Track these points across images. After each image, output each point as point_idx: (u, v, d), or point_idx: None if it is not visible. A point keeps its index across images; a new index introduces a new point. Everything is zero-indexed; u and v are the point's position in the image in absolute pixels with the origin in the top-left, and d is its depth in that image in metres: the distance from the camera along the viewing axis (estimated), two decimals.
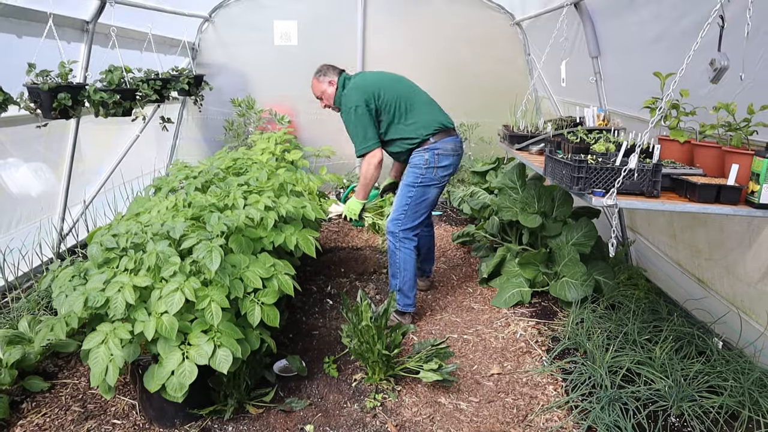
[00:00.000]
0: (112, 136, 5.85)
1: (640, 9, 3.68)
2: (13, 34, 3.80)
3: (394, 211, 3.96)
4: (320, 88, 4.06)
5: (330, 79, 4.03)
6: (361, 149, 3.86)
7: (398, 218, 3.93)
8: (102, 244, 2.85)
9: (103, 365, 2.49)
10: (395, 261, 3.97)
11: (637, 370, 3.17)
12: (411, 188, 3.89)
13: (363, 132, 3.83)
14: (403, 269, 3.96)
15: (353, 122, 3.83)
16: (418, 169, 3.88)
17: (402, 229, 3.93)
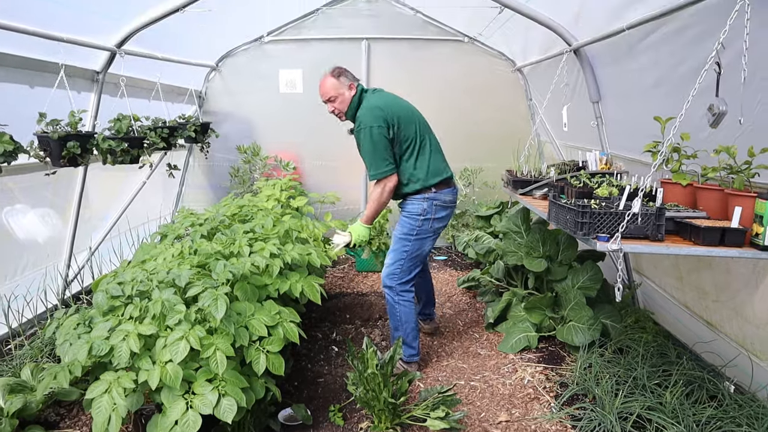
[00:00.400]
0: (119, 182, 5.92)
1: (638, 56, 3.75)
2: (26, 84, 3.89)
3: (390, 264, 3.86)
4: (337, 89, 3.74)
5: (351, 82, 3.76)
6: (378, 173, 3.68)
7: (394, 273, 3.84)
8: (107, 292, 2.85)
9: (106, 415, 2.46)
10: (395, 314, 3.88)
11: (647, 416, 3.11)
12: (406, 242, 3.80)
13: (381, 154, 3.63)
14: (405, 321, 3.88)
15: (371, 142, 3.61)
16: (413, 220, 3.78)
17: (399, 283, 3.84)
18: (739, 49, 2.45)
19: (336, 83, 3.72)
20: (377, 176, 3.69)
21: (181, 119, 5.99)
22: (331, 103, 3.78)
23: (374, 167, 3.67)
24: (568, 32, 4.54)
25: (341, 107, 3.77)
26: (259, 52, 6.93)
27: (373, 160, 3.66)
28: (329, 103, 3.79)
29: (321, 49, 6.90)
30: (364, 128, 3.61)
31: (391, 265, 3.85)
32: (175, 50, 5.59)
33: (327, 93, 3.76)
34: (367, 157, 3.68)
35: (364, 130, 3.61)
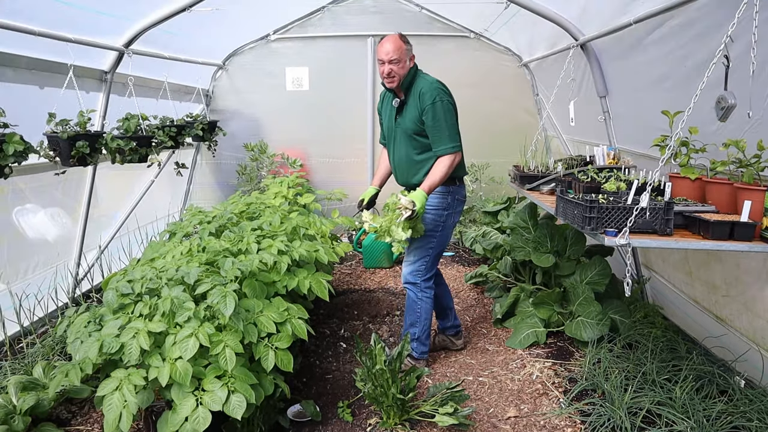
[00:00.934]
0: (128, 181, 5.95)
1: (646, 50, 3.73)
2: (35, 85, 3.93)
3: (414, 262, 3.82)
4: (401, 53, 3.54)
5: (412, 54, 3.64)
6: (449, 147, 3.56)
7: (419, 270, 3.82)
8: (117, 290, 2.87)
9: (117, 412, 2.48)
10: (416, 310, 3.87)
11: (657, 411, 3.11)
12: (432, 238, 3.76)
13: (455, 128, 3.60)
14: (424, 318, 3.87)
15: (445, 115, 3.54)
16: (438, 216, 3.73)
17: (423, 279, 3.83)
18: (748, 41, 2.43)
19: (404, 48, 3.56)
20: (448, 150, 3.56)
21: (189, 118, 6.01)
22: (392, 65, 3.54)
23: (447, 140, 3.56)
24: (574, 27, 4.52)
25: (401, 73, 3.57)
26: (266, 50, 6.95)
27: (444, 132, 3.55)
28: (390, 64, 3.53)
29: (327, 46, 6.92)
30: (441, 101, 3.52)
31: (415, 263, 3.82)
32: (183, 49, 5.61)
33: (393, 53, 3.52)
34: (440, 129, 3.55)
35: (441, 102, 3.52)
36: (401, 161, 3.80)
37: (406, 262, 3.91)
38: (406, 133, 3.70)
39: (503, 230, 5.97)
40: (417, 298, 3.86)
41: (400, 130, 3.74)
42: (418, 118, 3.60)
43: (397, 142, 3.79)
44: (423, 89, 3.56)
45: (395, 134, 3.80)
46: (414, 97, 3.61)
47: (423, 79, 3.64)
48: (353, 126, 7.14)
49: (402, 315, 4.97)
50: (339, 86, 7.01)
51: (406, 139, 3.72)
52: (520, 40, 6.44)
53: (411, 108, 3.63)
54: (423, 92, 3.55)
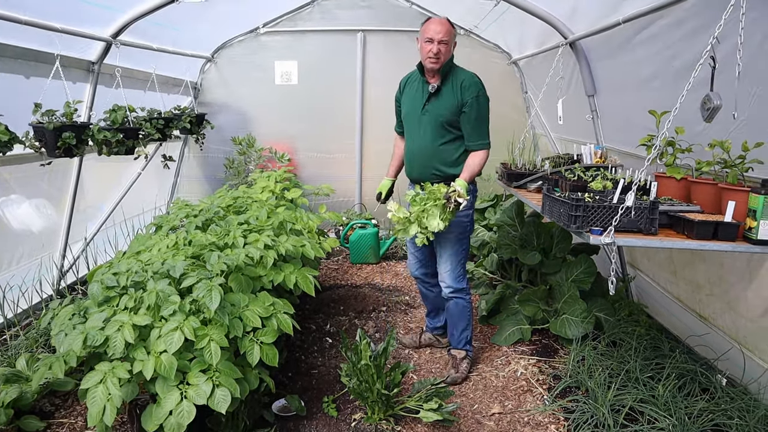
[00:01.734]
0: (114, 173, 5.91)
1: (634, 49, 3.75)
2: (21, 75, 3.88)
3: (452, 269, 3.73)
4: (450, 37, 3.50)
5: (456, 40, 3.61)
6: (486, 143, 3.58)
7: (460, 273, 3.77)
8: (102, 283, 2.85)
9: (101, 405, 2.47)
10: (467, 315, 3.84)
11: (640, 409, 3.14)
12: (464, 240, 3.74)
13: (488, 125, 3.61)
14: (471, 319, 3.90)
15: (486, 112, 3.58)
16: (465, 216, 3.66)
17: (466, 281, 3.82)
18: (734, 43, 2.45)
19: (453, 32, 3.53)
20: (485, 146, 3.58)
21: (177, 110, 5.97)
22: (441, 45, 3.45)
23: (485, 136, 3.59)
24: (564, 25, 4.54)
25: (447, 55, 3.51)
26: (255, 43, 6.92)
27: (481, 128, 3.57)
28: (440, 44, 3.45)
29: (317, 40, 6.90)
30: (484, 96, 3.56)
31: (454, 269, 3.74)
32: (171, 41, 5.57)
33: (444, 34, 3.46)
34: (478, 125, 3.55)
35: (483, 97, 3.55)
36: (423, 149, 3.67)
37: (442, 271, 3.79)
38: (436, 121, 3.58)
39: (490, 227, 5.99)
40: (466, 302, 3.82)
41: (428, 117, 3.61)
42: (455, 108, 3.53)
43: (422, 129, 3.65)
44: (465, 81, 3.52)
45: (420, 121, 3.66)
46: (453, 86, 3.54)
47: (463, 70, 3.61)
48: (342, 121, 7.12)
49: (388, 311, 4.99)
50: (328, 81, 6.99)
51: (434, 127, 3.60)
52: (509, 38, 6.45)
53: (448, 96, 3.55)
54: (466, 84, 3.51)
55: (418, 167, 3.74)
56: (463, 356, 3.88)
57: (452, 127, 3.57)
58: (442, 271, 3.78)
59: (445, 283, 3.78)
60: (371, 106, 7.07)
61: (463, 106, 3.51)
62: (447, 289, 3.78)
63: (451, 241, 3.68)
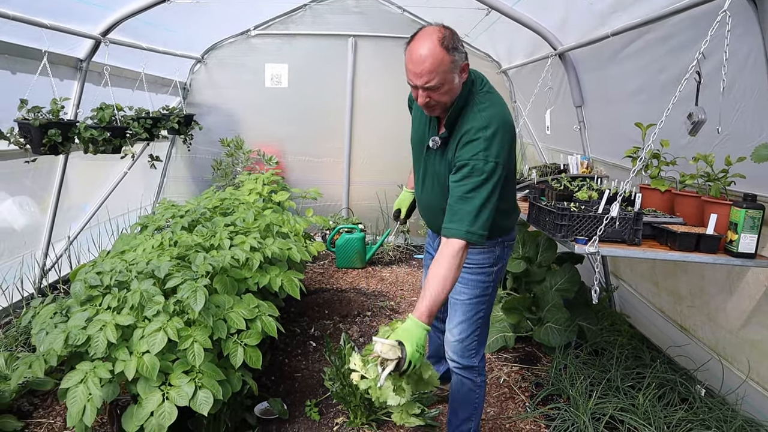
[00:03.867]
0: (100, 172, 5.86)
1: (622, 62, 3.80)
2: (7, 70, 3.84)
3: (463, 339, 2.75)
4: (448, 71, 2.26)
5: (464, 62, 2.31)
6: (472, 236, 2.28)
7: (471, 348, 2.77)
8: (85, 281, 2.83)
9: (80, 405, 2.44)
10: (473, 401, 2.85)
11: (620, 417, 3.16)
12: (481, 305, 2.72)
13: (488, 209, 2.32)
14: (481, 409, 2.91)
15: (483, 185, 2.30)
16: (486, 275, 2.70)
17: (480, 357, 2.82)
18: (720, 59, 2.49)
19: (447, 61, 2.23)
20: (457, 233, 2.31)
21: (165, 110, 5.94)
22: (430, 93, 2.30)
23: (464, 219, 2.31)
24: (553, 36, 4.58)
25: (444, 100, 2.34)
26: (245, 45, 6.91)
27: (466, 208, 2.32)
28: (428, 91, 2.30)
29: (307, 44, 6.90)
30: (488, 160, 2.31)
31: (465, 340, 2.75)
32: (161, 41, 5.55)
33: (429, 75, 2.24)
34: (461, 199, 2.34)
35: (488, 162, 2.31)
36: (430, 206, 2.75)
37: (448, 339, 2.83)
38: (439, 180, 2.60)
39: None
40: (475, 385, 2.83)
41: (432, 170, 2.63)
42: (450, 164, 2.46)
43: (426, 181, 2.70)
44: (470, 132, 2.35)
45: (425, 167, 2.68)
46: (456, 136, 2.43)
47: (479, 111, 2.38)
48: (331, 125, 7.13)
49: (373, 316, 4.99)
50: (318, 85, 6.99)
51: (440, 186, 2.60)
52: (499, 47, 6.50)
53: (449, 151, 2.47)
54: (467, 138, 2.36)
55: (427, 217, 2.89)
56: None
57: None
58: (449, 338, 2.81)
59: (449, 354, 2.83)
60: (361, 111, 7.08)
61: (455, 159, 2.41)
62: (451, 361, 2.83)
63: (462, 305, 2.73)
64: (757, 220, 2.53)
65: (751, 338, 3.06)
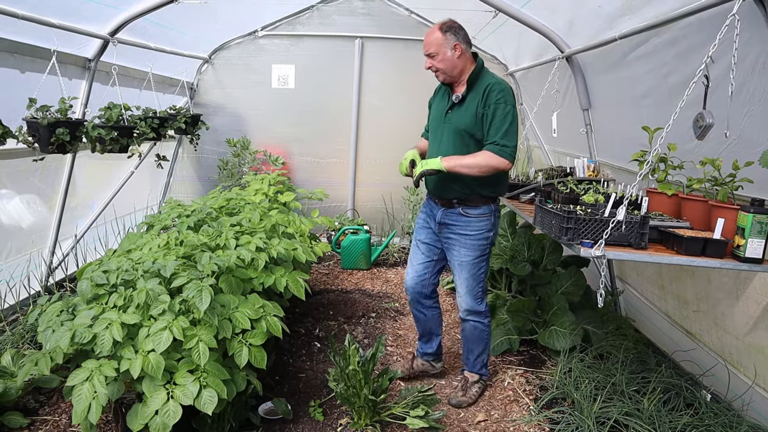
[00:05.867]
0: (107, 171, 5.89)
1: (629, 65, 3.79)
2: (16, 69, 3.87)
3: (469, 292, 3.48)
4: (438, 46, 3.23)
5: (456, 42, 3.23)
6: (504, 150, 3.14)
7: (478, 296, 3.52)
8: (92, 280, 2.84)
9: (86, 403, 2.46)
10: (484, 339, 3.65)
11: (625, 422, 3.15)
12: (481, 263, 3.45)
13: (516, 137, 3.20)
14: (489, 343, 3.73)
15: (512, 118, 3.17)
16: (483, 240, 3.40)
17: (485, 304, 3.59)
18: (728, 63, 2.48)
19: (441, 38, 3.22)
20: (497, 148, 3.14)
21: (172, 110, 5.97)
22: (431, 60, 3.29)
23: (502, 137, 3.14)
24: (561, 39, 4.58)
25: (441, 66, 3.27)
26: (253, 46, 6.93)
27: (500, 130, 3.14)
28: (430, 58, 3.29)
29: (314, 45, 6.92)
30: (508, 102, 3.18)
31: (471, 291, 3.48)
32: (169, 41, 5.57)
33: (428, 46, 3.27)
34: (494, 125, 3.17)
35: (508, 104, 3.17)
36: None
37: (459, 293, 3.55)
38: (456, 131, 3.30)
39: None
40: (484, 326, 3.60)
41: (449, 126, 3.35)
42: (477, 116, 3.23)
43: (444, 139, 3.37)
44: (492, 85, 3.21)
45: (442, 130, 3.39)
46: (478, 92, 3.25)
47: (492, 76, 3.31)
48: (337, 126, 7.14)
49: (378, 317, 4.99)
50: (325, 86, 7.01)
51: (453, 138, 3.32)
52: (506, 50, 6.49)
53: (471, 103, 3.26)
54: (491, 89, 3.20)
55: (434, 180, 3.45)
56: (476, 380, 3.71)
57: (473, 138, 3.27)
58: (461, 292, 3.53)
59: (462, 306, 3.55)
60: (367, 112, 7.09)
61: (485, 109, 3.20)
62: (464, 311, 3.56)
63: (468, 265, 3.44)
64: (765, 225, 2.52)
65: (758, 344, 3.04)
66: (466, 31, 3.29)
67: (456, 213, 3.40)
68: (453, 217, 3.42)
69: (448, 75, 3.30)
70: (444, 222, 3.47)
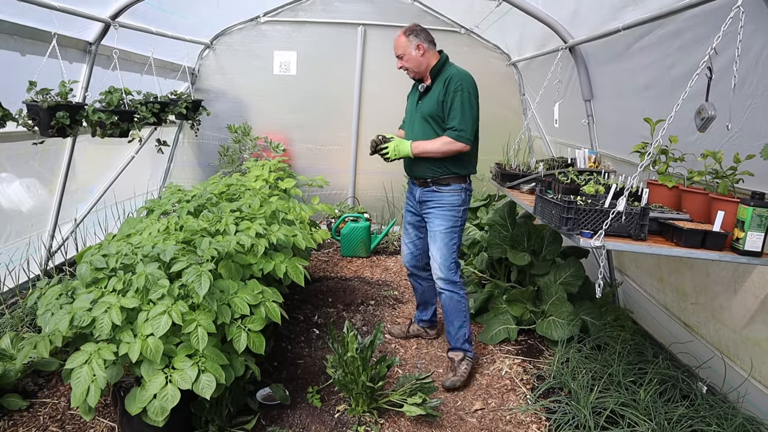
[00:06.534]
0: (107, 156, 5.88)
1: (633, 56, 3.77)
2: (17, 52, 3.85)
3: (444, 261, 3.75)
4: (403, 48, 3.69)
5: (419, 42, 3.67)
6: (461, 135, 3.55)
7: (451, 267, 3.76)
8: (91, 264, 2.84)
9: (84, 386, 2.47)
10: (462, 310, 3.81)
11: (621, 412, 3.16)
12: (453, 234, 3.75)
13: (471, 120, 3.58)
14: (468, 316, 3.87)
15: (468, 105, 3.56)
16: (455, 212, 3.75)
17: (459, 276, 3.82)
18: (731, 55, 2.47)
19: (405, 42, 3.68)
20: (460, 137, 3.55)
21: (173, 95, 5.95)
22: (399, 61, 3.75)
23: (460, 124, 3.55)
24: (564, 29, 4.55)
25: (409, 65, 3.71)
26: (255, 32, 6.90)
27: (464, 120, 3.55)
28: (398, 60, 3.75)
29: (316, 32, 6.89)
30: (467, 90, 3.56)
31: (445, 261, 3.75)
32: (170, 25, 5.54)
33: (396, 49, 3.74)
34: (460, 115, 3.55)
35: (467, 92, 3.56)
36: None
37: (434, 264, 3.82)
38: (423, 117, 3.71)
39: (481, 227, 6.00)
40: (460, 297, 3.79)
41: (419, 114, 3.75)
42: (438, 102, 3.62)
43: (415, 125, 3.79)
44: (452, 76, 3.59)
45: (414, 118, 3.82)
46: (440, 82, 3.64)
47: (453, 68, 3.69)
48: (338, 114, 7.12)
49: (376, 305, 5.00)
50: (326, 73, 6.99)
51: (422, 123, 3.72)
52: (509, 40, 6.46)
53: (435, 92, 3.66)
54: (451, 79, 3.59)
55: (409, 162, 3.85)
56: (461, 357, 3.83)
57: (437, 123, 3.67)
58: (434, 264, 3.81)
59: (437, 275, 3.80)
60: (368, 100, 7.07)
61: (445, 95, 3.59)
62: (439, 281, 3.80)
63: (441, 234, 3.75)
64: (765, 219, 2.52)
65: (755, 337, 3.05)
66: (428, 32, 3.74)
67: (431, 191, 3.79)
68: (429, 194, 3.81)
69: (416, 72, 3.74)
70: (422, 200, 3.86)
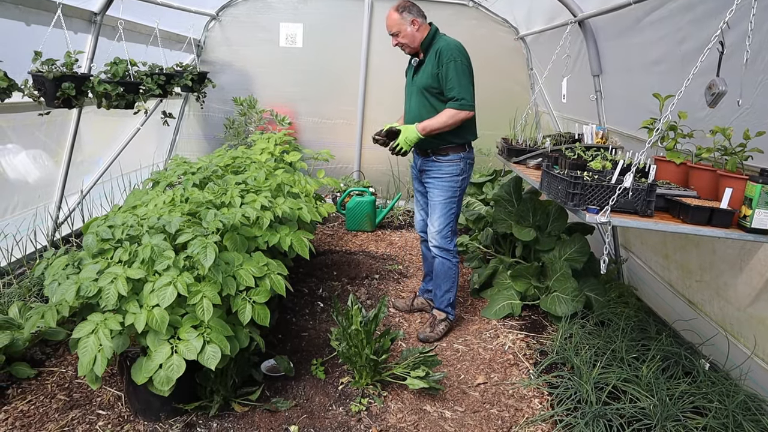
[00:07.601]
0: (113, 127, 5.87)
1: (643, 30, 3.72)
2: (21, 21, 3.82)
3: (441, 230, 3.90)
4: (398, 25, 3.70)
5: (413, 18, 3.70)
6: (459, 101, 3.60)
7: (447, 235, 3.93)
8: (97, 234, 2.86)
9: (91, 355, 2.49)
10: (451, 276, 4.01)
11: (623, 388, 3.18)
12: (452, 204, 3.89)
13: (468, 87, 3.64)
14: (456, 282, 4.06)
15: (458, 74, 3.59)
16: (454, 182, 3.85)
17: (453, 244, 3.97)
18: (744, 30, 2.43)
19: (398, 18, 3.70)
20: (456, 103, 3.61)
21: (179, 67, 5.91)
22: (394, 38, 3.77)
23: (459, 92, 3.60)
24: (574, 2, 4.49)
25: (404, 41, 3.74)
26: (261, 3, 6.82)
27: (455, 88, 3.60)
28: (393, 38, 3.78)
29: (323, 4, 6.80)
30: (456, 60, 3.58)
31: (442, 230, 3.90)
32: None
33: (389, 28, 3.76)
34: (457, 84, 3.60)
35: (456, 62, 3.58)
36: (413, 119, 3.84)
37: (430, 231, 3.97)
38: (419, 90, 3.78)
39: (487, 202, 6.00)
40: (452, 264, 3.98)
41: (414, 88, 3.83)
42: (432, 75, 3.67)
43: (412, 100, 3.87)
44: (441, 48, 3.64)
45: (411, 92, 3.90)
46: (432, 55, 3.69)
47: (443, 39, 3.72)
48: (345, 87, 7.07)
49: (381, 279, 5.02)
50: (333, 46, 6.92)
51: (419, 96, 3.79)
52: (518, 13, 6.38)
53: (428, 65, 3.72)
54: (441, 51, 3.63)
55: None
56: (443, 318, 4.07)
57: (432, 95, 3.73)
58: (431, 230, 3.96)
59: (432, 242, 3.97)
60: (374, 74, 7.01)
61: (439, 68, 3.64)
62: (434, 247, 3.98)
63: (440, 204, 3.88)
64: None
65: (760, 315, 3.05)
66: (419, 6, 3.74)
67: (431, 160, 3.88)
68: (429, 164, 3.91)
69: (412, 47, 3.77)
70: (423, 169, 3.98)
